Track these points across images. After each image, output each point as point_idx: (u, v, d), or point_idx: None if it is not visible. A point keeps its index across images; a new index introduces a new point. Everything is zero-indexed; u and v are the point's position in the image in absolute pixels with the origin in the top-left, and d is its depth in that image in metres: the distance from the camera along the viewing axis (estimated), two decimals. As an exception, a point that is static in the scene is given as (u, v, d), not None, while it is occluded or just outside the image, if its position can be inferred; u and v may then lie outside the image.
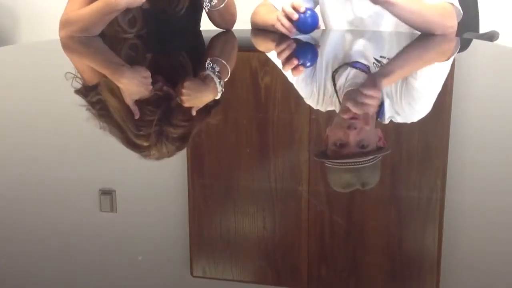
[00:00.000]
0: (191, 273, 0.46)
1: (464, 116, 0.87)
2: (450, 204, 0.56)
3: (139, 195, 0.59)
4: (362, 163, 0.67)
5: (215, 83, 1.29)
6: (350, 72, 1.11)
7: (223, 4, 1.68)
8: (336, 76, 1.07)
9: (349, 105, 0.85)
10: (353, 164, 0.67)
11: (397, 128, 0.80)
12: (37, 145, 0.75)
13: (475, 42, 1.75)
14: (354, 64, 1.20)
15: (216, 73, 1.36)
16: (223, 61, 1.49)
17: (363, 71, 1.12)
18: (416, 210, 0.56)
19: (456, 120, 0.83)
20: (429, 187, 0.61)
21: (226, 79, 1.23)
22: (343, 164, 0.67)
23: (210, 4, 1.68)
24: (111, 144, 0.73)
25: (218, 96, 1.29)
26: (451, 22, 1.58)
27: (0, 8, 3.30)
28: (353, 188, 0.61)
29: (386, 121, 0.80)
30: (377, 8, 1.70)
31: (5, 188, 0.61)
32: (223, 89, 1.34)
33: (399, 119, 0.83)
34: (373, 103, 0.87)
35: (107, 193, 0.58)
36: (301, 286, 0.46)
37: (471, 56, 1.54)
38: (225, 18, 1.80)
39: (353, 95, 0.92)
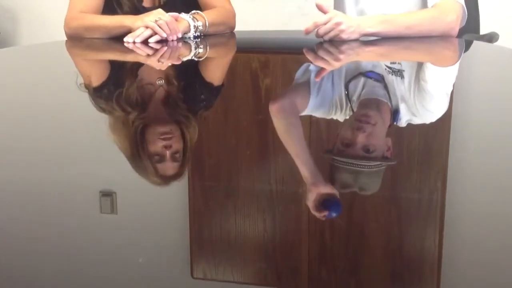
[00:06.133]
0: (192, 275, 0.46)
1: (464, 118, 0.87)
2: (451, 206, 0.56)
3: (139, 196, 0.59)
4: (362, 166, 0.66)
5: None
6: (365, 82, 1.11)
7: (207, 25, 1.73)
8: (350, 86, 1.07)
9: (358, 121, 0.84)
10: (353, 165, 0.66)
11: (397, 131, 0.80)
12: (38, 146, 0.75)
13: (476, 44, 1.75)
14: (367, 74, 1.20)
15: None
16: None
17: (377, 80, 1.12)
18: (416, 212, 0.56)
19: (456, 122, 0.83)
20: (430, 189, 0.61)
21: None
22: (343, 164, 0.67)
23: (198, 33, 1.71)
24: (112, 146, 0.73)
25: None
26: (451, 17, 1.60)
27: (0, 9, 3.30)
28: (350, 190, 0.61)
29: (404, 125, 0.81)
30: (386, 4, 1.72)
31: (5, 189, 0.61)
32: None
33: (416, 121, 0.84)
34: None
35: (107, 194, 0.58)
36: (301, 288, 0.46)
37: (472, 58, 1.54)
38: (219, 29, 1.82)
39: (367, 105, 0.92)
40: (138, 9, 1.79)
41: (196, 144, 0.73)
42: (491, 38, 2.06)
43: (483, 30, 2.35)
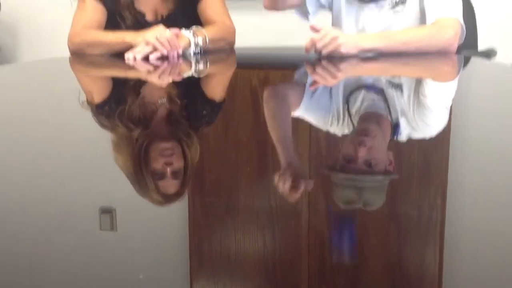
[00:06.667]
0: (191, 292, 0.46)
1: (463, 133, 0.87)
2: (451, 222, 0.56)
3: (139, 213, 0.59)
4: (365, 181, 0.66)
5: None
6: (365, 95, 1.12)
7: (207, 41, 1.74)
8: (351, 99, 1.08)
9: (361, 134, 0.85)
10: (356, 181, 0.66)
11: (396, 146, 0.80)
12: (38, 162, 0.75)
13: (474, 60, 1.76)
14: (367, 87, 1.21)
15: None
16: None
17: (377, 94, 1.13)
18: (416, 228, 0.56)
19: (455, 138, 0.83)
20: (429, 205, 0.61)
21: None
22: (346, 180, 0.67)
23: (198, 49, 1.73)
24: (112, 162, 0.74)
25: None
26: (449, 33, 1.62)
27: (1, 26, 3.32)
28: (354, 206, 0.61)
29: (404, 139, 0.81)
30: (387, 22, 1.75)
31: (4, 205, 0.61)
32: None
33: (416, 135, 0.84)
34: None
35: (107, 211, 0.58)
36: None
37: (470, 74, 1.55)
38: (219, 45, 1.84)
39: (368, 119, 0.92)
40: (141, 23, 1.81)
41: (197, 161, 0.74)
42: (489, 54, 2.07)
43: (481, 46, 2.37)
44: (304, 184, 0.63)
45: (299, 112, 1.01)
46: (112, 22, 1.83)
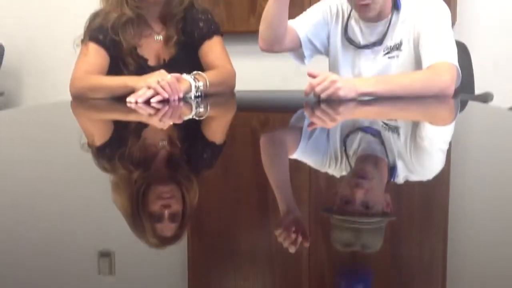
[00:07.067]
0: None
1: (462, 177, 0.88)
2: (452, 265, 0.55)
3: (138, 257, 0.59)
4: (363, 223, 0.66)
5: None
6: (362, 137, 1.13)
7: (208, 85, 1.78)
8: (347, 141, 1.09)
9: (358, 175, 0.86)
10: (353, 223, 0.66)
11: (396, 189, 0.80)
12: (37, 203, 0.75)
13: (471, 104, 1.78)
14: (364, 129, 1.22)
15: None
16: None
17: (374, 135, 1.14)
18: (417, 272, 0.55)
19: (455, 181, 0.83)
20: (430, 248, 0.61)
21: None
22: (344, 222, 0.67)
23: (199, 93, 1.77)
24: (111, 205, 0.74)
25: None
26: (445, 77, 1.65)
27: (4, 70, 3.38)
28: (352, 248, 0.61)
29: (402, 181, 0.81)
30: (382, 67, 1.78)
31: (1, 247, 0.61)
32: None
33: (414, 178, 0.84)
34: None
35: (105, 255, 0.58)
36: None
37: (468, 117, 1.56)
38: (220, 89, 1.87)
39: (365, 160, 0.93)
40: (143, 68, 1.85)
41: (196, 204, 0.74)
42: (486, 98, 2.10)
43: (477, 90, 2.40)
44: (303, 236, 0.63)
45: (297, 155, 1.02)
46: (115, 68, 1.86)
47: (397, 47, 1.78)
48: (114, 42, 1.85)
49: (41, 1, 3.40)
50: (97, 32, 1.85)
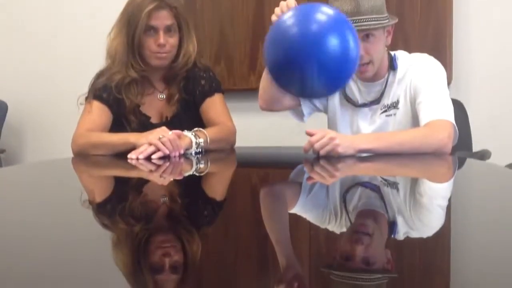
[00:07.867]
0: None
1: (462, 233, 0.88)
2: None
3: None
4: (364, 280, 0.66)
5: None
6: (361, 192, 1.13)
7: (208, 141, 1.81)
8: (348, 197, 1.09)
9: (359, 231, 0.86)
10: (354, 279, 0.66)
11: (397, 246, 0.80)
12: (37, 263, 0.75)
13: (469, 161, 1.80)
14: (364, 184, 1.23)
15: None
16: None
17: (373, 191, 1.14)
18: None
19: (455, 238, 0.83)
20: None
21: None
22: (344, 278, 0.67)
23: (199, 149, 1.80)
24: (111, 261, 0.73)
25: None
26: (443, 134, 1.67)
27: (7, 127, 3.41)
28: None
29: (402, 238, 0.81)
30: (380, 125, 1.81)
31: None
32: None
33: (414, 234, 0.84)
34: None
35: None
36: None
37: (466, 174, 1.57)
38: (220, 145, 1.90)
39: (365, 216, 0.93)
40: (145, 126, 1.87)
41: (197, 260, 0.74)
42: (483, 155, 2.12)
43: (475, 148, 2.42)
44: None
45: (297, 210, 1.02)
46: (118, 125, 1.89)
47: (394, 105, 1.81)
48: (118, 100, 1.88)
49: (44, 60, 3.47)
50: (101, 91, 1.89)
